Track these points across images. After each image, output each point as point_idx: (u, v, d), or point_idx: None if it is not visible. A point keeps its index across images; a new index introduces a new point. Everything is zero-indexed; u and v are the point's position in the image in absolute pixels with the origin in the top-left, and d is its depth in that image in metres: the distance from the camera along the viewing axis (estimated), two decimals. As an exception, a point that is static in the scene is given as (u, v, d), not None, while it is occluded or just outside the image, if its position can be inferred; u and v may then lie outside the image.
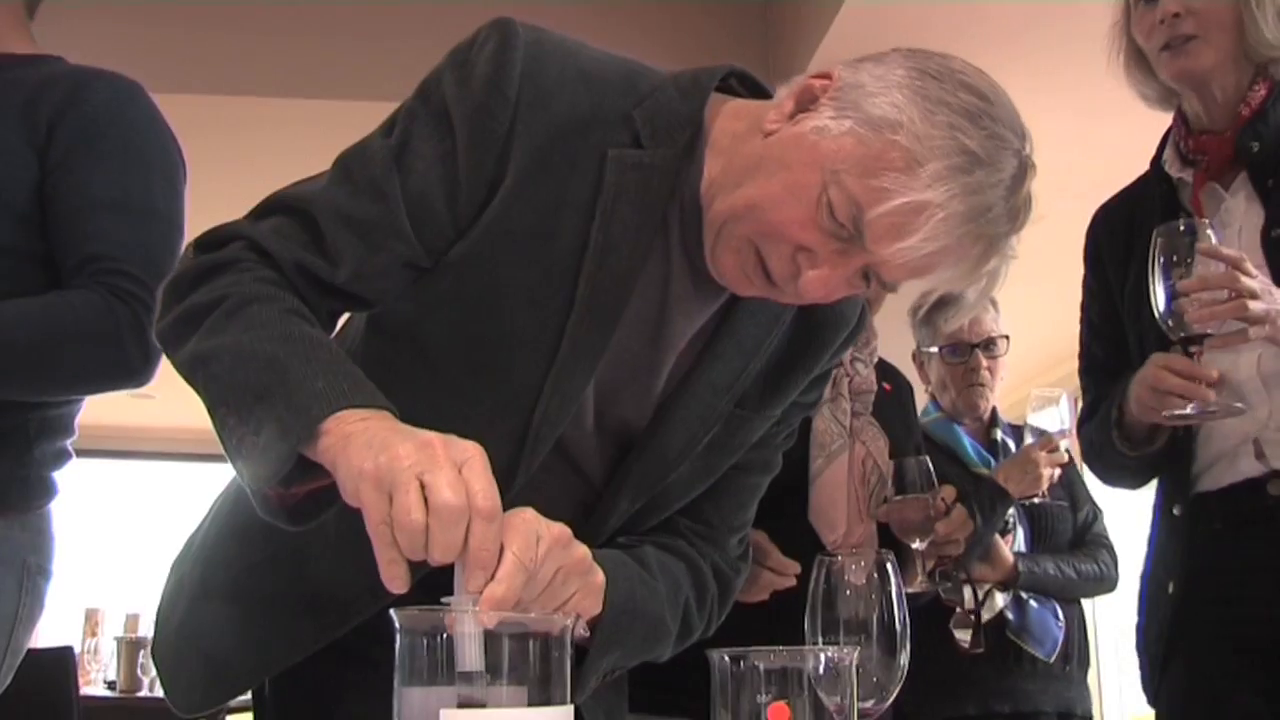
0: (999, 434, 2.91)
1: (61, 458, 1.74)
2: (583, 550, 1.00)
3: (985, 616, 2.63)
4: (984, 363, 2.86)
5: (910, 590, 1.84)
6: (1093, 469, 1.99)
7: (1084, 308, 2.01)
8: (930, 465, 1.93)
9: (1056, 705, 2.76)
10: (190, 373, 1.07)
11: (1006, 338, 2.90)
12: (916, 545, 1.87)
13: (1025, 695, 2.72)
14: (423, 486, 0.88)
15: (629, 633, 1.13)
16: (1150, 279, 1.63)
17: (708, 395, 1.23)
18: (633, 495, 1.24)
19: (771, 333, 1.25)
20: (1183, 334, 1.61)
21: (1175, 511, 1.81)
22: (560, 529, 0.97)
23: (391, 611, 0.87)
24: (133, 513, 8.31)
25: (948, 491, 1.91)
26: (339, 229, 1.11)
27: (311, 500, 1.04)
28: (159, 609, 1.34)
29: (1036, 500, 2.71)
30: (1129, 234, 1.89)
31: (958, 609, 2.55)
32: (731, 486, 1.32)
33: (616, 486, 1.24)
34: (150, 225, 1.66)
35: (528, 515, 0.94)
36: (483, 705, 0.85)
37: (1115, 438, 1.80)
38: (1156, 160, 1.90)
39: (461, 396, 1.16)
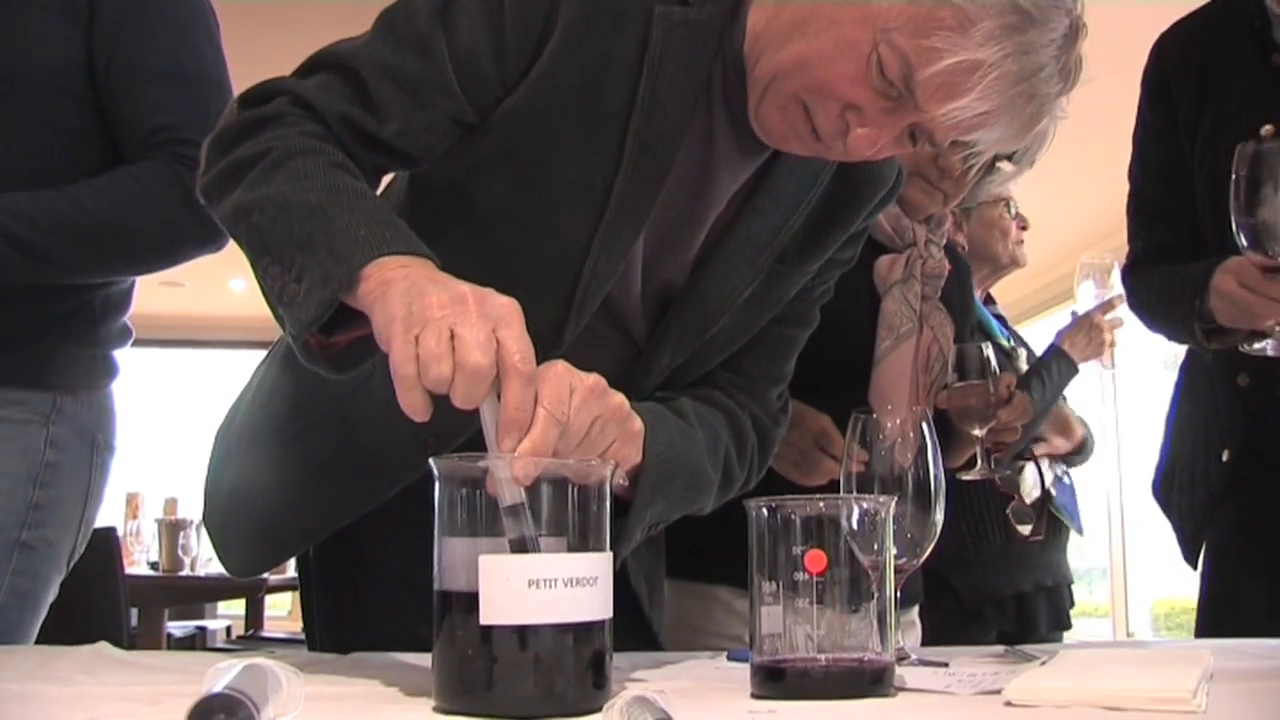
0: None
1: (125, 336, 1.76)
2: (619, 398, 1.00)
3: (1031, 496, 2.69)
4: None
5: (967, 477, 1.87)
6: (1145, 318, 1.86)
7: (1138, 144, 1.85)
8: (991, 352, 1.91)
9: (1067, 576, 2.84)
10: (233, 224, 1.07)
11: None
12: (976, 432, 1.87)
13: (1059, 568, 2.78)
14: (453, 337, 0.88)
15: (671, 482, 1.13)
16: (1233, 200, 1.42)
17: (747, 250, 1.23)
18: (673, 351, 1.25)
19: (810, 189, 1.24)
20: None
21: (1241, 382, 1.72)
22: (595, 379, 0.97)
23: (431, 460, 0.88)
24: (164, 399, 8.41)
25: (1008, 379, 1.91)
26: (385, 84, 1.11)
27: (354, 348, 1.04)
28: (207, 478, 1.36)
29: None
30: (1205, 66, 1.72)
31: (1015, 497, 2.59)
32: (769, 339, 1.32)
33: (657, 342, 1.24)
34: (206, 91, 1.66)
35: (559, 368, 0.94)
36: (535, 542, 0.85)
37: (1197, 329, 1.67)
38: None
39: (510, 254, 1.16)
